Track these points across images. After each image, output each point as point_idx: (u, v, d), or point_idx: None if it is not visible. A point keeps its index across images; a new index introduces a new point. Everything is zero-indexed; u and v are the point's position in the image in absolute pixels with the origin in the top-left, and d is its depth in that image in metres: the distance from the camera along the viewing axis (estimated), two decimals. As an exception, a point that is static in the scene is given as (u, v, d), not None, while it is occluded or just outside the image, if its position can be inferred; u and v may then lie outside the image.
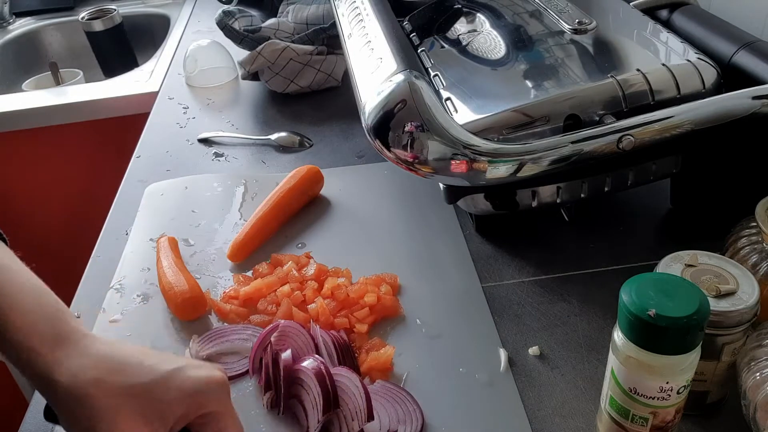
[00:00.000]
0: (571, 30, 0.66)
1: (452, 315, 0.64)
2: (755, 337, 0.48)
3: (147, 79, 1.24)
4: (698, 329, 0.42)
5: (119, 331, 0.64)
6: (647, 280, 0.43)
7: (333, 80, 1.07)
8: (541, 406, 0.55)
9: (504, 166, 0.56)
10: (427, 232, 0.75)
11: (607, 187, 0.65)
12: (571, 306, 0.64)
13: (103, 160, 1.21)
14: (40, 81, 1.44)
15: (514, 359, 0.59)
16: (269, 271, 0.69)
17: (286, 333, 0.59)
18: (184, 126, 1.03)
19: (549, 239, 0.73)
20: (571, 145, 0.56)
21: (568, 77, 0.63)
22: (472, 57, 0.71)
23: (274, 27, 1.07)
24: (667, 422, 0.46)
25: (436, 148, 0.55)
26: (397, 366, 0.59)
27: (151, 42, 1.57)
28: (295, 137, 0.95)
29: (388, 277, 0.67)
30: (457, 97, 0.63)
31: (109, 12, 1.44)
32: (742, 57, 0.62)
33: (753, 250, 0.55)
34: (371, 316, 0.63)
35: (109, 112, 1.21)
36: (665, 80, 0.60)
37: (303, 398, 0.54)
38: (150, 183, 0.87)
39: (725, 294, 0.47)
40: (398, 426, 0.53)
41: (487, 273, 0.69)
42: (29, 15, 1.62)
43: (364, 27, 0.74)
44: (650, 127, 0.56)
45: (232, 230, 0.77)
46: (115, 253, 0.75)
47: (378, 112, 0.58)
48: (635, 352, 0.43)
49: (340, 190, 0.83)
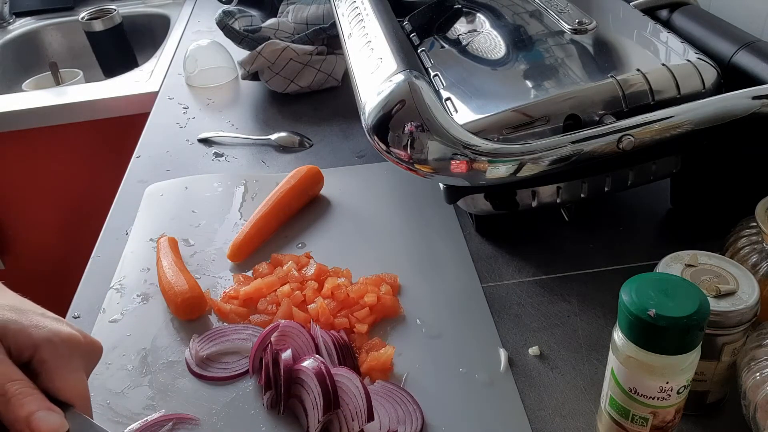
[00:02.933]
0: (571, 30, 0.66)
1: (452, 315, 0.64)
2: (755, 337, 0.48)
3: (147, 79, 1.24)
4: (698, 329, 0.42)
5: (119, 331, 0.64)
6: (647, 280, 0.43)
7: (333, 80, 1.07)
8: (541, 406, 0.55)
9: (504, 166, 0.56)
10: (427, 232, 0.75)
11: (607, 187, 0.65)
12: (571, 306, 0.64)
13: (103, 160, 1.21)
14: (40, 81, 1.44)
15: (514, 359, 0.59)
16: (269, 271, 0.69)
17: (286, 333, 0.59)
18: (184, 126, 1.03)
19: (549, 239, 0.73)
20: (571, 145, 0.56)
21: (568, 77, 0.63)
22: (472, 57, 0.71)
23: (274, 27, 1.07)
24: (667, 422, 0.46)
25: (436, 148, 0.55)
26: (397, 366, 0.59)
27: (151, 42, 1.57)
28: (295, 137, 0.95)
29: (388, 277, 0.67)
30: (457, 97, 0.63)
31: (109, 12, 1.44)
32: (742, 57, 0.62)
33: (753, 250, 0.55)
34: (371, 316, 0.63)
35: (109, 112, 1.21)
36: (665, 80, 0.60)
37: (303, 398, 0.54)
38: (150, 183, 0.87)
39: (725, 294, 0.47)
40: (398, 426, 0.53)
41: (487, 273, 0.69)
42: (29, 15, 1.62)
43: (364, 27, 0.74)
44: (650, 127, 0.56)
45: (232, 230, 0.77)
46: (115, 253, 0.75)
47: (378, 112, 0.58)
48: (635, 352, 0.43)
49: (340, 190, 0.83)
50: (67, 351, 0.44)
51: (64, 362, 0.44)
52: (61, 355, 0.44)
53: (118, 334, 0.64)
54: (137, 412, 0.56)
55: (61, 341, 0.44)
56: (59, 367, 0.43)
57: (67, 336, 0.44)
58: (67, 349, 0.44)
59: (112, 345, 0.63)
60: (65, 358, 0.44)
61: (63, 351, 0.44)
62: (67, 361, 0.44)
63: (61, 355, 0.44)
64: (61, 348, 0.44)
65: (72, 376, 0.44)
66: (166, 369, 0.60)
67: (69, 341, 0.44)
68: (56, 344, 0.43)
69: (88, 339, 0.46)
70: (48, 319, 0.45)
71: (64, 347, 0.44)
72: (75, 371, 0.44)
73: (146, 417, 0.55)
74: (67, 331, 0.45)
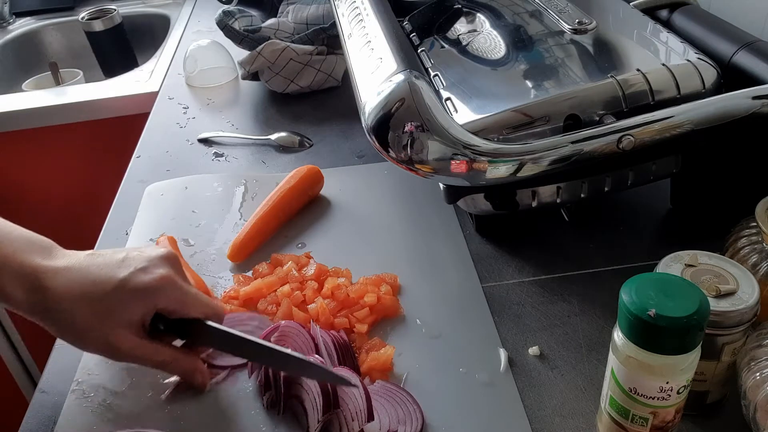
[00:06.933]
0: (571, 30, 0.66)
1: (452, 315, 0.64)
2: (755, 337, 0.48)
3: (147, 79, 1.24)
4: (698, 329, 0.42)
5: (119, 331, 0.64)
6: (647, 280, 0.43)
7: (333, 80, 1.07)
8: (541, 406, 0.55)
9: (504, 166, 0.56)
10: (427, 232, 0.75)
11: (607, 187, 0.65)
12: (571, 306, 0.64)
13: (103, 160, 1.21)
14: (40, 81, 1.44)
15: (514, 359, 0.59)
16: (269, 271, 0.69)
17: (286, 333, 0.59)
18: (184, 126, 1.03)
19: (549, 239, 0.73)
20: (571, 145, 0.56)
21: (568, 77, 0.63)
22: (472, 57, 0.71)
23: (274, 27, 1.07)
24: (667, 422, 0.46)
25: (436, 148, 0.55)
26: (397, 366, 0.59)
27: (151, 42, 1.57)
28: (295, 137, 0.95)
29: (388, 277, 0.67)
30: (457, 97, 0.63)
31: (109, 12, 1.44)
32: (742, 57, 0.62)
33: (753, 250, 0.55)
34: (371, 316, 0.63)
35: (109, 112, 1.21)
36: (665, 80, 0.60)
37: (303, 398, 0.54)
38: (150, 183, 0.87)
39: (725, 294, 0.47)
40: (398, 426, 0.53)
41: (487, 273, 0.69)
42: (29, 15, 1.62)
43: (364, 27, 0.74)
44: (650, 127, 0.56)
45: (232, 230, 0.77)
46: (115, 253, 0.75)
47: (378, 112, 0.58)
48: (635, 352, 0.43)
49: (340, 190, 0.83)
50: (176, 284, 0.55)
51: (181, 291, 0.55)
52: (175, 293, 0.55)
53: (118, 334, 0.64)
54: (137, 412, 0.56)
55: (166, 282, 0.54)
56: (184, 298, 0.55)
57: (167, 275, 0.55)
58: (176, 282, 0.55)
59: (112, 345, 0.63)
60: (177, 290, 0.55)
61: (173, 290, 0.55)
62: (181, 288, 0.55)
63: (175, 293, 0.55)
64: (171, 289, 0.55)
65: (192, 292, 0.56)
66: (166, 369, 0.60)
67: (170, 277, 0.55)
68: (167, 288, 0.54)
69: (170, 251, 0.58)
70: (142, 272, 0.54)
71: (173, 287, 0.55)
72: (188, 296, 0.56)
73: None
74: (163, 272, 0.55)
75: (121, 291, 0.53)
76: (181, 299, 0.55)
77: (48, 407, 0.58)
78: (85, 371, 0.60)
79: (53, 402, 0.58)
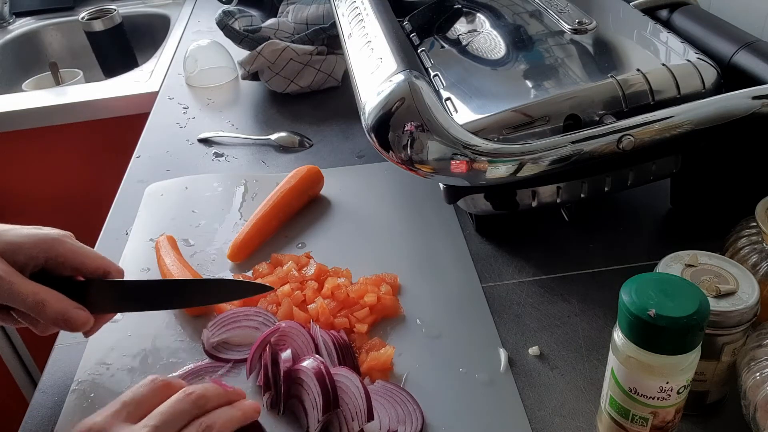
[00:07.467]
0: (571, 30, 0.66)
1: (452, 315, 0.64)
2: (755, 337, 0.48)
3: (147, 79, 1.24)
4: (698, 329, 0.42)
5: (119, 331, 0.64)
6: (647, 280, 0.43)
7: (333, 80, 1.07)
8: (541, 406, 0.55)
9: (504, 166, 0.56)
10: (427, 232, 0.75)
11: (607, 187, 0.65)
12: (571, 306, 0.64)
13: (103, 160, 1.21)
14: (40, 81, 1.44)
15: (514, 359, 0.59)
16: (269, 271, 0.69)
17: (286, 333, 0.59)
18: (184, 126, 1.03)
19: (549, 239, 0.73)
20: (571, 145, 0.56)
21: (568, 77, 0.63)
22: (472, 57, 0.71)
23: (274, 27, 1.07)
24: (667, 422, 0.46)
25: (436, 148, 0.55)
26: (397, 366, 0.59)
27: (151, 42, 1.57)
28: (295, 137, 0.95)
29: (388, 277, 0.67)
30: (457, 97, 0.63)
31: (109, 12, 1.44)
32: (742, 57, 0.62)
33: (753, 250, 0.55)
34: (371, 316, 0.63)
35: (109, 112, 1.21)
36: (665, 80, 0.60)
37: (303, 398, 0.54)
38: (150, 183, 0.87)
39: (725, 294, 0.47)
40: (398, 426, 0.53)
41: (487, 273, 0.69)
42: (29, 15, 1.62)
43: (364, 27, 0.74)
44: (650, 127, 0.56)
45: (232, 230, 0.77)
46: (115, 253, 0.75)
47: (378, 112, 0.58)
48: (635, 352, 0.43)
49: (340, 190, 0.83)
50: (70, 241, 0.55)
51: (78, 248, 0.55)
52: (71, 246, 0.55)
53: (119, 335, 0.64)
54: (137, 412, 0.56)
55: (57, 233, 0.55)
56: (73, 253, 0.55)
57: (58, 233, 0.55)
58: (69, 240, 0.55)
59: (111, 345, 0.63)
60: (77, 245, 0.55)
61: (64, 238, 0.55)
62: (78, 247, 0.55)
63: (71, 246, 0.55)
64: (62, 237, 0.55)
65: (87, 252, 0.56)
66: (167, 370, 0.60)
67: (64, 235, 0.55)
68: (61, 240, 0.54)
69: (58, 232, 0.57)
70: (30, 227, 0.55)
71: (64, 236, 0.55)
72: (84, 248, 0.56)
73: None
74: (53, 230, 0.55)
75: (13, 232, 0.53)
76: (77, 250, 0.55)
77: (48, 407, 0.58)
78: (85, 371, 0.60)
79: (53, 402, 0.59)
